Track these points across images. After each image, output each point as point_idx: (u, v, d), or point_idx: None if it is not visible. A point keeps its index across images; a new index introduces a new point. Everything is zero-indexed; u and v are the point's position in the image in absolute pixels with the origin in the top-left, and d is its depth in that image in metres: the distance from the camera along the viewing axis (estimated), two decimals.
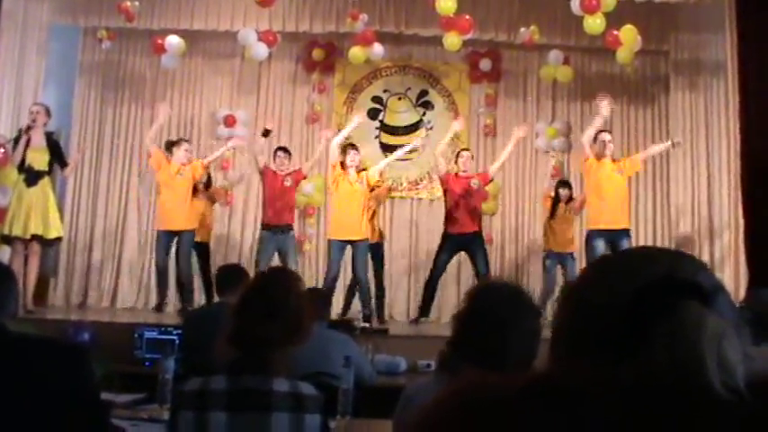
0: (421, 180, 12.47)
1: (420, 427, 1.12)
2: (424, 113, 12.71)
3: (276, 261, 9.90)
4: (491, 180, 10.42)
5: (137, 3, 10.82)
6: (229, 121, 12.06)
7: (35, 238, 8.91)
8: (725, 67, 10.21)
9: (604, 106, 9.64)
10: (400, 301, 11.93)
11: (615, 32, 10.40)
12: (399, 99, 12.77)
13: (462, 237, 9.94)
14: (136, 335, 7.60)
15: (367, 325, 9.11)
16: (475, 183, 10.03)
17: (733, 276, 10.00)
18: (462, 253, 10.22)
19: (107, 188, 12.19)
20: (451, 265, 10.63)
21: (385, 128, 12.62)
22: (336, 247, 9.74)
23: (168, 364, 4.45)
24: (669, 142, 10.16)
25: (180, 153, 9.99)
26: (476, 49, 12.43)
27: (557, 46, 11.73)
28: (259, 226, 10.43)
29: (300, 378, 3.00)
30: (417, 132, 12.53)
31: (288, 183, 10.16)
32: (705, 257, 11.03)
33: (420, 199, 12.47)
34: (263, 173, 10.20)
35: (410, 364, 7.66)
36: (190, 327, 5.76)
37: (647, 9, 10.98)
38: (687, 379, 1.00)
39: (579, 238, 10.46)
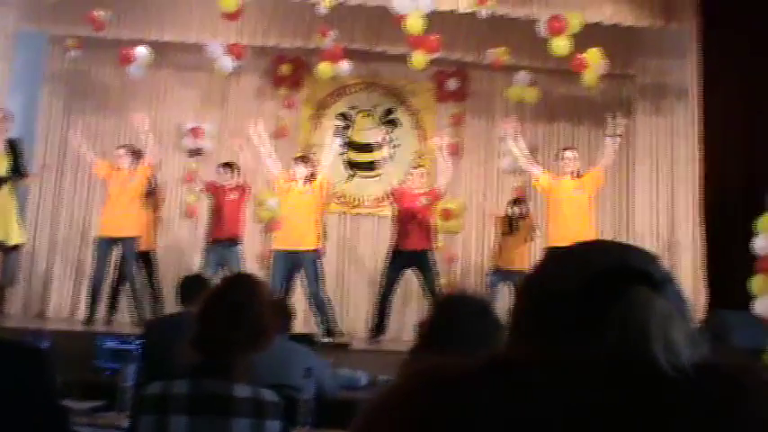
0: (385, 197, 12.48)
1: (385, 405, 1.14)
2: (390, 131, 12.73)
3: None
4: (440, 196, 10.42)
5: (107, 12, 10.78)
6: (196, 134, 12.04)
7: None
8: (688, 92, 10.36)
9: (509, 129, 9.92)
10: (361, 316, 11.91)
11: (581, 55, 10.51)
12: (366, 116, 12.79)
13: (411, 254, 9.94)
14: (96, 344, 7.55)
15: (329, 339, 9.11)
16: (423, 200, 10.04)
17: (693, 297, 10.10)
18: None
19: (70, 197, 12.10)
20: (413, 281, 10.61)
21: (351, 145, 12.64)
22: (281, 259, 9.71)
23: (128, 371, 4.45)
24: (613, 137, 10.16)
25: (119, 161, 10.03)
26: (443, 69, 12.48)
27: (524, 67, 11.81)
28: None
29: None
30: (383, 150, 12.55)
31: (233, 197, 10.21)
32: None
33: (383, 216, 12.48)
34: (207, 189, 10.31)
35: (371, 378, 7.67)
36: (151, 335, 5.73)
37: (614, 33, 11.10)
38: (634, 357, 1.05)
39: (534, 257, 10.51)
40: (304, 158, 10.21)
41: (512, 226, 10.78)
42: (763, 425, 1.06)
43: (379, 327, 10.01)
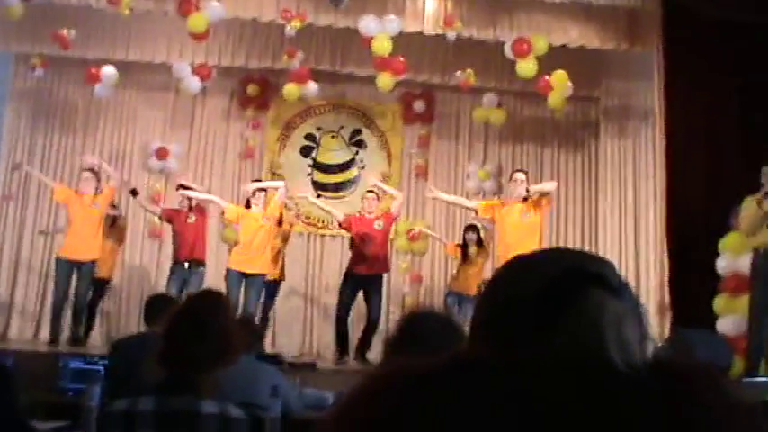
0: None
1: (350, 405, 1.16)
2: (356, 152, 12.76)
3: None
4: (394, 219, 10.46)
5: (72, 31, 10.75)
6: (162, 154, 12.00)
7: None
8: (653, 113, 10.46)
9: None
10: (327, 336, 11.89)
11: (547, 77, 10.60)
12: (333, 137, 12.81)
13: (363, 277, 9.97)
14: (60, 364, 7.47)
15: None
16: (378, 224, 10.06)
17: (658, 318, 10.17)
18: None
19: (34, 218, 11.98)
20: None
21: (318, 166, 12.64)
22: (234, 278, 9.72)
23: (94, 391, 4.40)
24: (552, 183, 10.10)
25: (84, 184, 9.97)
26: (410, 90, 12.54)
27: (490, 89, 11.89)
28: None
29: None
30: (350, 171, 12.60)
31: (191, 220, 10.21)
32: None
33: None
34: (166, 217, 10.50)
35: (337, 398, 7.65)
36: (116, 355, 5.69)
37: (579, 56, 11.21)
38: (589, 355, 1.08)
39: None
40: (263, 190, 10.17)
41: (466, 253, 10.85)
42: (712, 421, 1.09)
43: (341, 348, 9.99)
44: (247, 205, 9.86)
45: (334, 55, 11.83)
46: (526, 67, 10.31)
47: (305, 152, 12.68)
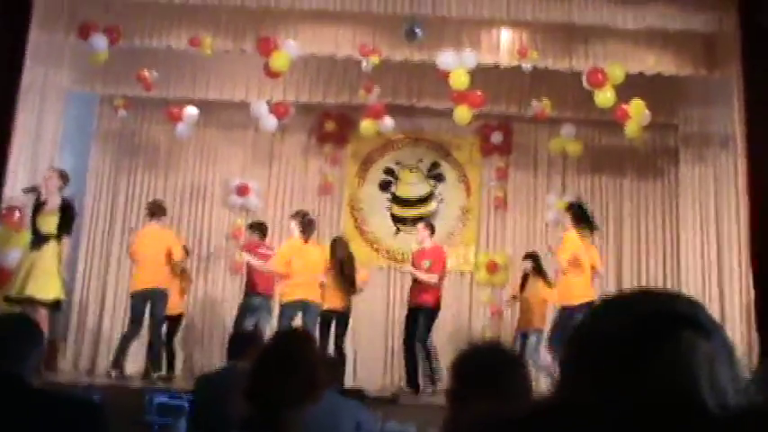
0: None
1: None
2: (435, 185, 12.78)
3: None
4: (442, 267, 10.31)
5: (155, 72, 11.00)
6: (242, 191, 12.16)
7: (29, 300, 8.89)
8: (733, 139, 10.28)
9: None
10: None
11: (624, 106, 10.52)
12: (411, 171, 12.85)
13: (411, 309, 10.14)
14: (146, 399, 7.59)
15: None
16: (426, 263, 10.03)
17: (746, 347, 9.96)
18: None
19: (118, 254, 12.20)
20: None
21: (396, 199, 12.68)
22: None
23: (180, 425, 4.47)
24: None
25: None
26: (487, 122, 12.54)
27: (567, 119, 11.85)
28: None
29: None
30: (428, 204, 12.60)
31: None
32: None
33: None
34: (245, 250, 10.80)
35: None
36: (201, 390, 5.76)
37: (657, 83, 11.10)
38: (682, 399, 1.06)
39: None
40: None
41: (523, 283, 10.77)
42: None
43: (413, 378, 10.01)
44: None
45: (411, 89, 11.88)
46: (604, 97, 10.24)
47: (383, 186, 12.74)
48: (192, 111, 11.46)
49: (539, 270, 10.79)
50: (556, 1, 9.77)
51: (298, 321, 9.65)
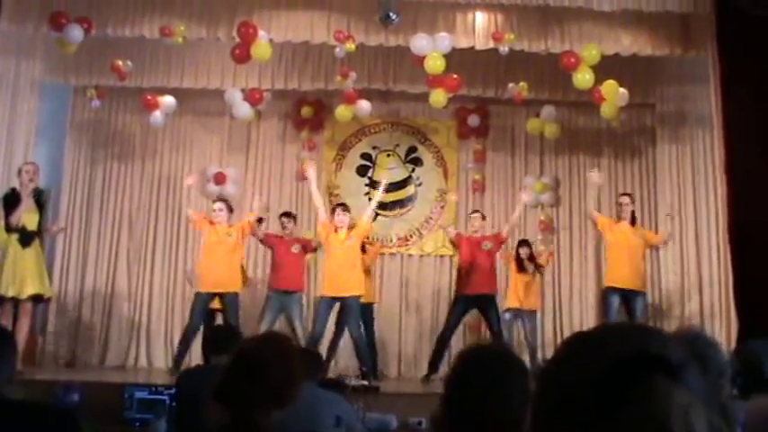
0: (410, 236, 12.48)
1: None
2: (413, 169, 12.75)
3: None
4: (504, 241, 10.63)
5: (129, 62, 10.91)
6: (219, 179, 12.07)
7: (32, 297, 8.86)
8: (710, 118, 10.30)
9: (595, 176, 10.24)
10: (391, 357, 11.88)
11: (599, 87, 10.50)
12: (388, 155, 12.81)
13: (475, 298, 10.22)
14: (126, 395, 7.51)
15: (365, 382, 9.04)
16: (487, 245, 10.16)
17: (724, 329, 10.01)
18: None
19: (96, 246, 12.14)
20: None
21: (374, 184, 12.63)
22: (325, 305, 9.72)
23: (160, 425, 4.44)
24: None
25: (214, 215, 10.04)
26: (464, 105, 12.50)
27: (544, 100, 11.85)
28: None
29: None
30: (407, 188, 12.58)
31: (295, 250, 10.26)
32: (695, 310, 11.07)
33: (410, 255, 12.48)
34: (266, 241, 10.50)
35: (401, 421, 7.63)
36: (183, 387, 5.72)
37: (633, 63, 11.12)
38: None
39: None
40: (342, 206, 10.21)
41: (522, 266, 10.78)
42: None
43: (433, 366, 10.17)
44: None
45: (387, 73, 11.84)
46: (582, 79, 10.22)
47: (361, 171, 12.70)
48: (169, 100, 11.37)
49: (531, 256, 10.85)
50: None
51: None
